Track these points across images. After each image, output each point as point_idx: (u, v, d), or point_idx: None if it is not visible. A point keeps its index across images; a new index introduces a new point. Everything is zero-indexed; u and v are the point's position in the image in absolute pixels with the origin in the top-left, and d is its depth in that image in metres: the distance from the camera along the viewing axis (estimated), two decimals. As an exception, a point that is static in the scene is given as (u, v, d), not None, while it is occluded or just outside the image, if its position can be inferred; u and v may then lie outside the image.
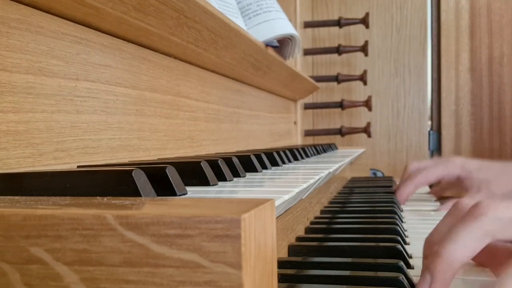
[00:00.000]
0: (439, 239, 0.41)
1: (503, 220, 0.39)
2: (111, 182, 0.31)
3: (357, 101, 1.65)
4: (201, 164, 0.41)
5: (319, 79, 1.59)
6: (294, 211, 0.64)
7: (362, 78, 1.63)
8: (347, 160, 0.94)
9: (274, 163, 0.65)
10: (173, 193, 0.34)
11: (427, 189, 1.18)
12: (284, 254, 0.58)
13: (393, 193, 0.99)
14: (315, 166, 0.67)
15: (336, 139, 1.70)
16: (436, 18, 1.79)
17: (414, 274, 0.49)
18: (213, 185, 0.41)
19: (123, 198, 0.27)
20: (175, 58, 0.66)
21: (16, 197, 0.28)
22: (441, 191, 1.06)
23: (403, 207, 0.94)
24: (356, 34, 1.80)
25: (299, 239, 0.64)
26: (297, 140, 1.49)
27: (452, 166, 0.96)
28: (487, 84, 1.74)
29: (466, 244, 0.39)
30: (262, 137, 1.08)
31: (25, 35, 0.39)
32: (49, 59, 0.42)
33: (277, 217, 0.43)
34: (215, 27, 0.62)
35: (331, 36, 1.82)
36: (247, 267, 0.20)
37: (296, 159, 0.79)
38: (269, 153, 0.65)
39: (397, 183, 1.07)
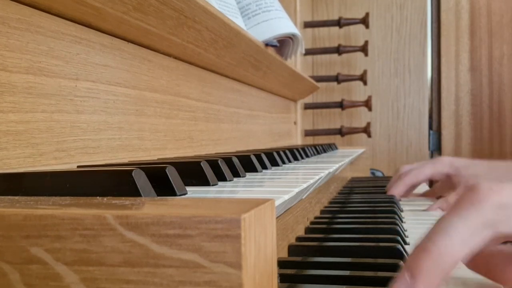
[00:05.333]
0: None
1: (508, 208, 0.31)
2: (111, 182, 0.31)
3: (357, 101, 1.65)
4: (201, 164, 0.41)
5: (319, 79, 1.59)
6: (294, 211, 0.64)
7: (362, 78, 1.63)
8: (347, 160, 0.94)
9: (274, 163, 0.65)
10: (173, 193, 0.34)
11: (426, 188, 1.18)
12: (284, 254, 0.58)
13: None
14: (315, 166, 0.67)
15: (336, 139, 1.70)
16: (436, 18, 1.79)
17: (414, 274, 0.49)
18: (213, 185, 0.41)
19: (123, 198, 0.26)
20: (175, 58, 0.66)
21: (16, 197, 0.28)
22: (433, 194, 1.07)
23: (403, 207, 0.94)
24: (356, 34, 1.80)
25: (299, 239, 0.64)
26: (297, 140, 1.49)
27: (440, 164, 0.97)
28: (487, 84, 1.74)
29: (462, 237, 0.30)
30: (262, 137, 1.08)
31: (25, 35, 0.39)
32: (49, 59, 0.42)
33: (277, 217, 0.43)
34: (215, 27, 0.62)
35: (331, 36, 1.82)
36: (247, 267, 0.20)
37: (296, 159, 0.79)
38: (269, 153, 0.65)
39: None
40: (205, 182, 0.41)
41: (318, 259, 0.52)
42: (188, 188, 0.37)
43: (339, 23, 1.63)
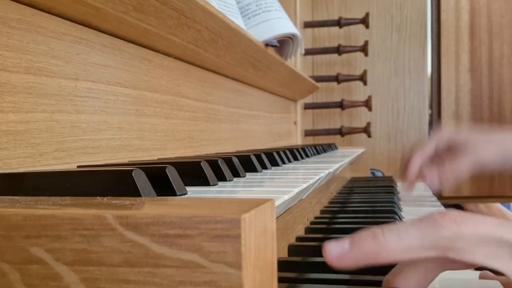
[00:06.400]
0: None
1: (463, 239, 0.32)
2: (111, 182, 0.31)
3: (357, 101, 1.65)
4: (201, 164, 0.41)
5: (319, 79, 1.59)
6: (294, 211, 0.64)
7: (362, 78, 1.63)
8: (347, 160, 0.94)
9: (274, 163, 0.65)
10: (173, 193, 0.34)
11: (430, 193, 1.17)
12: (284, 254, 0.58)
13: (393, 193, 0.99)
14: (315, 166, 0.67)
15: (336, 139, 1.70)
16: (436, 18, 1.78)
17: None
18: (213, 185, 0.41)
19: (123, 198, 0.26)
20: (175, 58, 0.66)
21: (16, 197, 0.28)
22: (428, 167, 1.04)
23: (403, 207, 0.94)
24: (356, 34, 1.80)
25: (299, 239, 0.64)
26: (297, 140, 1.49)
27: (442, 131, 0.97)
28: (487, 84, 1.74)
29: (409, 245, 0.32)
30: (262, 137, 1.08)
31: (25, 35, 0.39)
32: (49, 59, 0.42)
33: (277, 217, 0.43)
34: (215, 27, 0.62)
35: (331, 36, 1.82)
36: (247, 267, 0.20)
37: (296, 159, 0.79)
38: (269, 153, 0.65)
39: (398, 184, 1.06)
40: (205, 182, 0.41)
41: (318, 259, 0.52)
42: (188, 188, 0.37)
43: (339, 23, 1.63)
